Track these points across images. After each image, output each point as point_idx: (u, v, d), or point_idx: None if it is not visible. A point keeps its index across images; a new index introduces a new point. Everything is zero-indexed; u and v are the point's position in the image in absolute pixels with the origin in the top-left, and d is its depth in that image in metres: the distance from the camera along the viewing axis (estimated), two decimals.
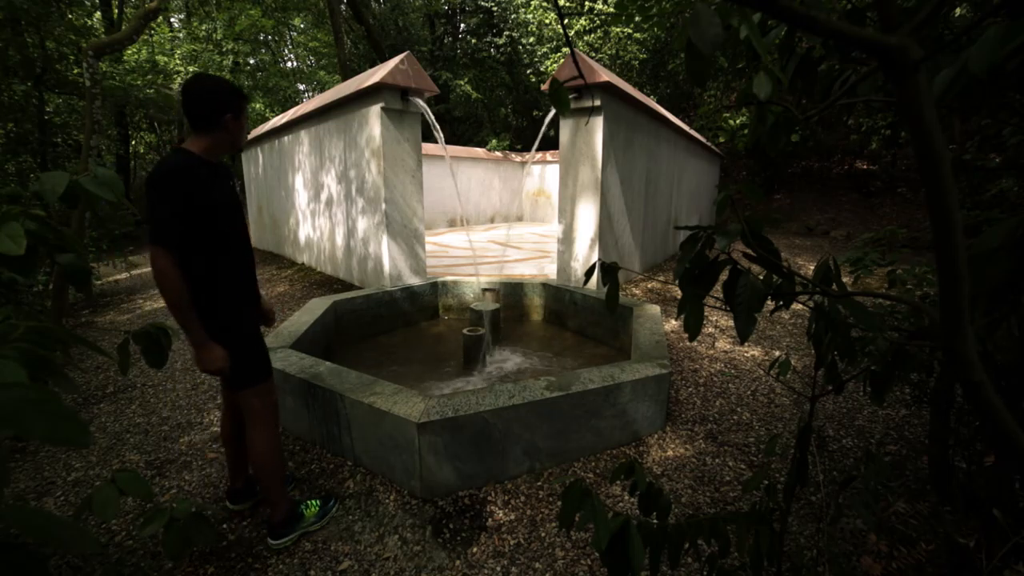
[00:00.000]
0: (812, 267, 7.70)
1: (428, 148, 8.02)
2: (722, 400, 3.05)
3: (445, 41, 14.83)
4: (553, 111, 4.10)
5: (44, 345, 0.76)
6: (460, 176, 10.42)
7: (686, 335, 1.07)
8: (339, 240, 5.67)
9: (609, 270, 0.96)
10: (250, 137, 8.59)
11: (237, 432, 1.98)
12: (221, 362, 1.67)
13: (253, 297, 1.86)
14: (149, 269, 8.78)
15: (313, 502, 1.98)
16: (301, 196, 6.69)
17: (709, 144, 9.95)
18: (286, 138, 6.94)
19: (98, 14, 12.16)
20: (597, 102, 4.06)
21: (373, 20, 14.22)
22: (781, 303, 0.88)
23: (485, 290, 4.41)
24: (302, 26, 16.79)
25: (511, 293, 4.63)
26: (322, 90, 14.53)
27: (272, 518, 1.85)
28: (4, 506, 0.47)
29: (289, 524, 1.86)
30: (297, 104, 12.13)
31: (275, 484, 1.84)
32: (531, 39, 13.06)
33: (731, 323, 4.49)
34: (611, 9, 11.22)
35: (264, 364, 1.84)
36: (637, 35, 11.84)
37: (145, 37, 13.54)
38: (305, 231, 6.76)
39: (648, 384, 2.50)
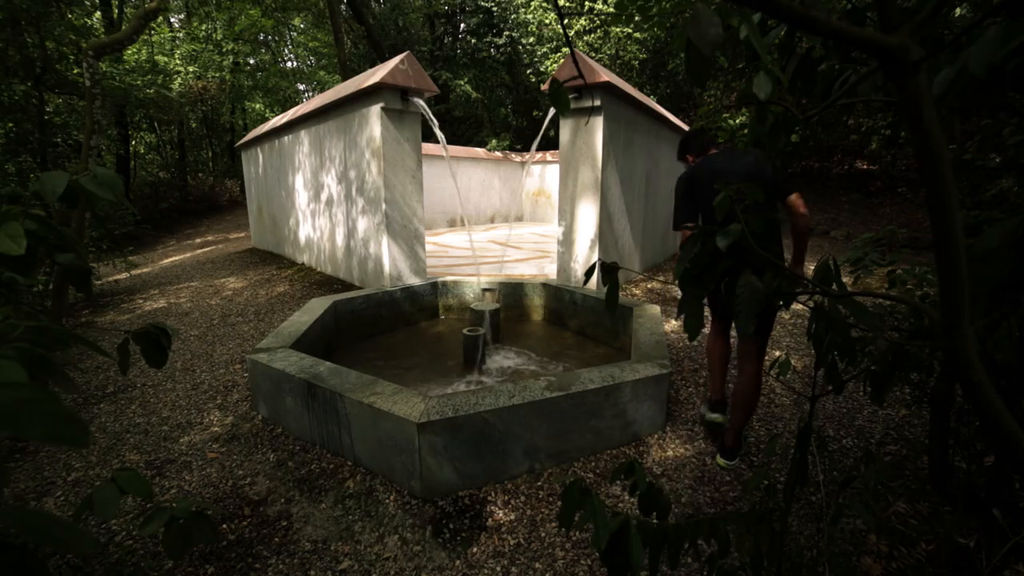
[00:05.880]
0: (812, 267, 7.69)
1: (428, 148, 8.01)
2: None
3: (445, 41, 14.82)
4: (553, 111, 4.10)
5: (44, 345, 0.76)
6: (460, 176, 10.41)
7: (686, 335, 1.07)
8: (339, 240, 5.67)
9: (609, 270, 0.96)
10: (250, 137, 8.59)
11: (725, 352, 2.54)
12: None
13: None
14: (148, 269, 8.72)
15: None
16: (301, 196, 6.68)
17: None
18: (286, 138, 6.94)
19: (98, 14, 12.16)
20: (597, 102, 4.06)
21: (373, 20, 14.23)
22: (781, 303, 0.88)
23: (485, 290, 4.41)
24: (302, 26, 16.80)
25: (511, 293, 4.63)
26: (322, 90, 14.53)
27: (727, 443, 2.32)
28: (4, 506, 0.47)
29: (737, 448, 2.32)
30: (297, 104, 12.13)
31: (751, 411, 2.31)
32: (531, 39, 13.05)
33: None
34: (611, 9, 11.21)
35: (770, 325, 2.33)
36: (637, 35, 11.82)
37: (145, 37, 13.53)
38: (305, 231, 6.76)
39: (648, 384, 2.50)
